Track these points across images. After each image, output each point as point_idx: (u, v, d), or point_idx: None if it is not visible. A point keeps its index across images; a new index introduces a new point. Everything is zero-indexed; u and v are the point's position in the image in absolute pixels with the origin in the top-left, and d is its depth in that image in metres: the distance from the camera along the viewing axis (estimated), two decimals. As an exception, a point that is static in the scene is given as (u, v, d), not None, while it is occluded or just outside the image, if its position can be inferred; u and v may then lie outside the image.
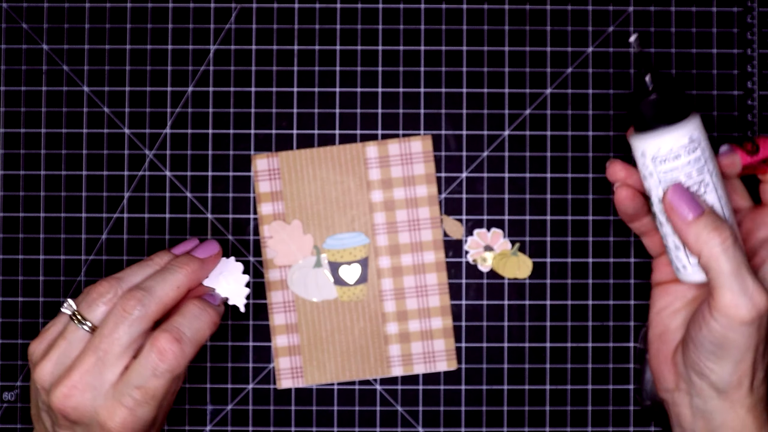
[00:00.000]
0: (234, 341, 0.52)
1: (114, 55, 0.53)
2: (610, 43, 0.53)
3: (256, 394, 0.52)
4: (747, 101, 0.53)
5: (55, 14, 0.53)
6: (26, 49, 0.53)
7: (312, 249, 0.52)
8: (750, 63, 0.53)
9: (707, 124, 0.53)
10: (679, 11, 0.53)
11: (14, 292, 0.52)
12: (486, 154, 0.53)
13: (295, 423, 0.52)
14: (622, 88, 0.53)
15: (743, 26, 0.53)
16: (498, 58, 0.53)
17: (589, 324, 0.53)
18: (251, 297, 0.52)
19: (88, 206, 0.53)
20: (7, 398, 0.52)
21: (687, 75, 0.53)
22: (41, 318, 0.52)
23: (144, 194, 0.53)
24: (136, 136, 0.53)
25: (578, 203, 0.53)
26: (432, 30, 0.53)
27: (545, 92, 0.53)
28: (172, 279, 0.42)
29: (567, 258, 0.53)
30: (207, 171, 0.53)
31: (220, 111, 0.53)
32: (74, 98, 0.53)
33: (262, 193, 0.52)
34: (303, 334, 0.52)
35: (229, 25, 0.53)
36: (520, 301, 0.53)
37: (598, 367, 0.53)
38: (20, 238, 0.53)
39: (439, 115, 0.53)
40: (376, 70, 0.53)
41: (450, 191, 0.53)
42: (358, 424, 0.52)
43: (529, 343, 0.53)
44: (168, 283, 0.42)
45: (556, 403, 0.53)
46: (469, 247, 0.53)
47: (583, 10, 0.53)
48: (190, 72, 0.53)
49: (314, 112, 0.53)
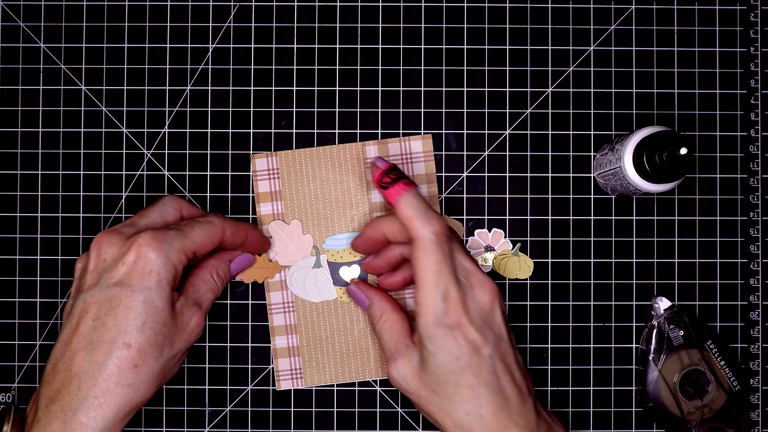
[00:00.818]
0: (233, 342, 0.52)
1: (112, 53, 0.53)
2: (612, 41, 0.53)
3: (256, 395, 0.52)
4: (750, 100, 0.53)
5: (53, 12, 0.53)
6: (23, 47, 0.52)
7: (311, 249, 0.52)
8: (753, 61, 0.53)
9: (709, 124, 0.53)
10: (682, 9, 0.53)
11: (11, 292, 0.52)
12: (487, 154, 0.53)
13: (294, 425, 0.52)
14: (624, 86, 0.53)
15: (746, 24, 0.53)
16: (499, 56, 0.53)
17: (591, 325, 0.52)
18: (250, 297, 0.52)
19: (86, 206, 0.52)
20: (4, 400, 0.52)
21: (689, 74, 0.53)
22: (38, 319, 0.52)
23: (142, 194, 0.52)
24: (135, 135, 0.52)
25: (580, 203, 0.52)
26: (432, 28, 0.53)
27: (547, 91, 0.53)
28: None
29: (568, 258, 0.52)
30: (206, 170, 0.52)
31: (219, 110, 0.53)
32: (72, 97, 0.52)
33: (261, 192, 0.52)
34: (302, 335, 0.52)
35: (228, 23, 0.53)
36: (521, 301, 0.52)
37: (600, 368, 0.52)
38: (17, 238, 0.52)
39: (440, 114, 0.53)
40: (376, 68, 0.53)
41: (450, 191, 0.52)
42: (357, 425, 0.52)
43: (530, 344, 0.52)
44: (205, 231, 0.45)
45: (558, 405, 0.52)
46: (469, 248, 0.52)
47: (585, 8, 0.53)
48: (188, 71, 0.53)
49: (314, 111, 0.53)
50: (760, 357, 0.53)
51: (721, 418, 0.50)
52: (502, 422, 0.42)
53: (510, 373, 0.43)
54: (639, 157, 0.45)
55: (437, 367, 0.43)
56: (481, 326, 0.43)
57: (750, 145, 0.53)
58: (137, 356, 0.40)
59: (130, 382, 0.40)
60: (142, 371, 0.41)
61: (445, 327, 0.42)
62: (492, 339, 0.43)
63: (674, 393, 0.51)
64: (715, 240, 0.52)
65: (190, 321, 0.43)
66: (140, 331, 0.41)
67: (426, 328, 0.43)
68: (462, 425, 0.43)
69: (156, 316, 0.41)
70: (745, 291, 0.53)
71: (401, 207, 0.43)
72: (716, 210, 0.53)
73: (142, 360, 0.41)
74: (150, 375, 0.41)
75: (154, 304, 0.41)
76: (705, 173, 0.53)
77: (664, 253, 0.52)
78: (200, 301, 0.45)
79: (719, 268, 0.53)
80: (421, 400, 0.44)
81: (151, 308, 0.41)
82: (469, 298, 0.43)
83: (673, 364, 0.51)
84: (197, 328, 0.44)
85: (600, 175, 0.51)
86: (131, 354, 0.40)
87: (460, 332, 0.42)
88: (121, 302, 0.41)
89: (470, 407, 0.42)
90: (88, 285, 0.42)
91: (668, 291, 0.52)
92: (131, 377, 0.40)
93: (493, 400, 0.42)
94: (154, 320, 0.41)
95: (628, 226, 0.52)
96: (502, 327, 0.44)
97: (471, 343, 0.42)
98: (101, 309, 0.41)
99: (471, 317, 0.42)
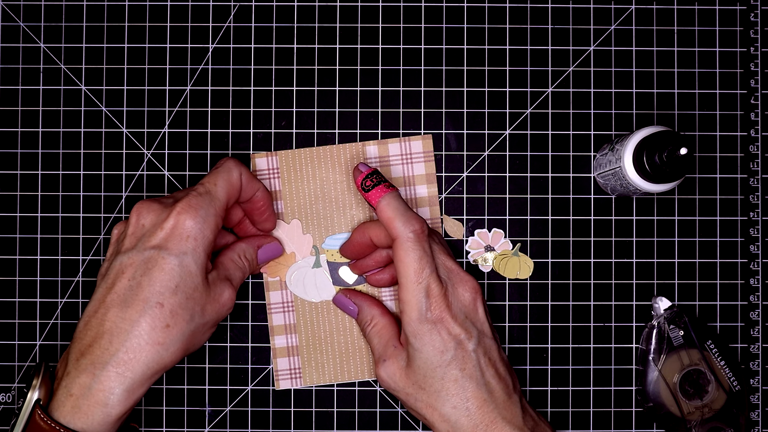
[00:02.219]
0: (233, 342, 0.52)
1: (112, 53, 0.53)
2: (612, 41, 0.53)
3: (256, 395, 0.52)
4: (750, 100, 0.53)
5: (53, 12, 0.53)
6: (23, 47, 0.52)
7: (311, 249, 0.52)
8: (753, 61, 0.53)
9: (709, 124, 0.53)
10: (682, 9, 0.53)
11: (11, 292, 0.52)
12: (487, 154, 0.53)
13: (294, 425, 0.52)
14: (624, 86, 0.53)
15: (746, 24, 0.53)
16: (499, 56, 0.53)
17: (591, 325, 0.52)
18: (250, 297, 0.52)
19: (86, 206, 0.52)
20: (4, 400, 0.52)
21: (689, 74, 0.53)
22: (38, 319, 0.52)
23: (142, 194, 0.52)
24: (135, 135, 0.52)
25: (580, 203, 0.52)
26: (432, 28, 0.53)
27: (547, 91, 0.53)
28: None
29: (568, 258, 0.52)
30: (206, 170, 0.52)
31: (219, 110, 0.53)
32: (72, 97, 0.52)
33: (261, 192, 0.52)
34: (302, 335, 0.52)
35: (228, 23, 0.53)
36: (521, 301, 0.52)
37: (600, 368, 0.52)
38: (17, 238, 0.52)
39: (440, 114, 0.53)
40: (376, 68, 0.53)
41: (451, 191, 0.52)
42: (357, 425, 0.52)
43: (530, 344, 0.52)
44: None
45: (558, 405, 0.52)
46: (469, 248, 0.52)
47: (585, 8, 0.53)
48: (188, 71, 0.53)
49: (314, 111, 0.53)
50: (760, 357, 0.52)
51: (721, 418, 0.50)
52: (488, 415, 0.43)
53: (494, 367, 0.44)
54: (639, 157, 0.45)
55: (423, 363, 0.44)
56: (464, 321, 0.44)
57: (750, 145, 0.53)
58: (169, 316, 0.41)
59: (161, 340, 0.41)
60: (173, 332, 0.42)
61: (429, 322, 0.43)
62: (475, 334, 0.44)
63: (674, 393, 0.51)
64: (715, 240, 0.52)
65: (223, 293, 0.44)
66: (173, 292, 0.42)
67: (410, 324, 0.44)
68: (449, 419, 0.43)
69: (189, 281, 0.42)
70: (745, 291, 0.53)
71: (382, 208, 0.45)
72: (716, 210, 0.53)
73: (174, 321, 0.41)
74: (180, 337, 0.42)
75: (189, 269, 0.42)
76: (705, 173, 0.53)
77: (664, 253, 0.52)
78: (231, 277, 0.46)
79: (719, 268, 0.52)
80: (409, 397, 0.45)
81: (186, 272, 0.42)
82: (451, 295, 0.44)
83: (673, 364, 0.51)
84: (229, 302, 0.45)
85: (600, 175, 0.51)
86: (164, 313, 0.41)
87: (443, 327, 0.43)
88: (156, 264, 0.42)
89: (457, 401, 0.43)
90: (125, 248, 0.43)
91: (668, 291, 0.52)
92: (162, 336, 0.41)
93: (479, 393, 0.43)
94: (186, 284, 0.42)
95: (628, 226, 0.52)
96: (485, 323, 0.45)
97: (455, 338, 0.43)
98: (137, 270, 0.42)
99: (454, 313, 0.44)
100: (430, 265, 0.44)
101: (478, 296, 0.45)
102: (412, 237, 0.44)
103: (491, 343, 0.45)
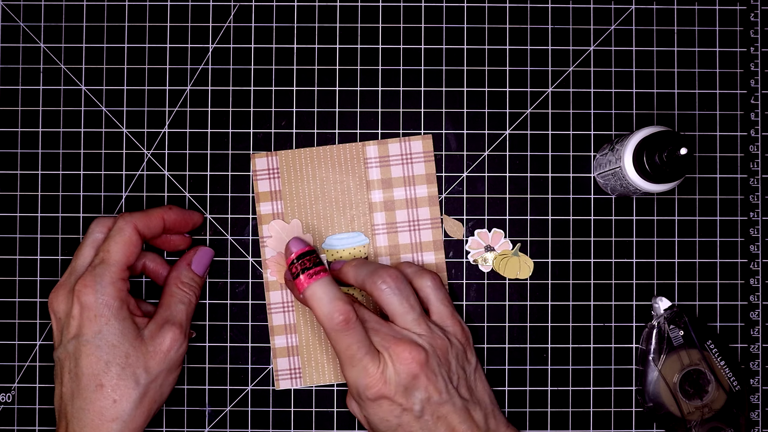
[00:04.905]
0: (233, 342, 0.52)
1: (112, 53, 0.53)
2: (612, 41, 0.53)
3: (256, 395, 0.52)
4: (750, 100, 0.53)
5: (53, 12, 0.53)
6: (23, 47, 0.52)
7: (311, 249, 0.52)
8: (753, 61, 0.53)
9: (709, 124, 0.53)
10: (682, 9, 0.53)
11: (11, 292, 0.52)
12: (487, 154, 0.53)
13: (294, 425, 0.52)
14: (624, 86, 0.53)
15: (746, 24, 0.53)
16: (499, 56, 0.53)
17: (591, 325, 0.52)
18: (250, 297, 0.52)
19: (86, 206, 0.52)
20: (4, 400, 0.52)
21: (689, 74, 0.53)
22: (38, 319, 0.52)
23: (142, 194, 0.52)
24: (135, 135, 0.52)
25: (580, 203, 0.52)
26: (432, 28, 0.53)
27: (547, 91, 0.53)
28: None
29: (568, 258, 0.52)
30: (206, 170, 0.52)
31: (219, 110, 0.53)
32: (72, 97, 0.52)
33: (261, 192, 0.52)
34: (302, 335, 0.52)
35: (228, 23, 0.53)
36: (521, 301, 0.52)
37: (600, 369, 0.52)
38: (17, 238, 0.52)
39: (440, 114, 0.53)
40: (376, 68, 0.53)
41: (450, 191, 0.52)
42: (357, 425, 0.52)
43: (530, 344, 0.52)
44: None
45: (558, 405, 0.52)
46: (469, 248, 0.52)
47: (585, 8, 0.53)
48: (188, 71, 0.53)
49: (314, 111, 0.53)
50: (760, 357, 0.52)
51: (721, 418, 0.50)
52: None
53: (447, 423, 0.45)
54: (639, 157, 0.45)
55: (376, 425, 0.46)
56: (404, 393, 0.44)
57: (750, 145, 0.53)
58: (112, 392, 0.44)
59: (114, 416, 0.44)
60: (123, 404, 0.44)
61: (370, 399, 0.45)
62: (418, 400, 0.44)
63: (674, 393, 0.51)
64: (715, 240, 0.52)
65: (164, 342, 0.46)
66: (105, 371, 0.44)
67: (356, 398, 0.46)
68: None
69: (116, 352, 0.44)
70: (745, 291, 0.53)
71: (305, 299, 0.45)
72: (716, 210, 0.53)
73: (119, 394, 0.44)
74: (133, 404, 0.44)
75: (110, 343, 0.44)
76: (705, 173, 0.53)
77: (664, 253, 0.52)
78: (171, 318, 0.47)
79: (719, 268, 0.52)
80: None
81: (108, 347, 0.44)
82: (389, 370, 0.44)
83: (673, 364, 0.51)
84: (173, 344, 0.46)
85: (600, 175, 0.51)
86: (106, 392, 0.44)
87: (384, 401, 0.44)
88: (81, 352, 0.44)
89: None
90: (56, 344, 0.46)
91: (668, 291, 0.52)
92: (113, 412, 0.44)
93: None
94: (115, 356, 0.44)
95: (628, 226, 0.52)
96: (429, 386, 0.45)
97: (398, 407, 0.44)
98: (70, 363, 0.45)
99: (392, 389, 0.44)
100: (363, 348, 0.44)
101: (418, 366, 0.44)
102: (338, 328, 0.44)
103: (439, 399, 0.45)
